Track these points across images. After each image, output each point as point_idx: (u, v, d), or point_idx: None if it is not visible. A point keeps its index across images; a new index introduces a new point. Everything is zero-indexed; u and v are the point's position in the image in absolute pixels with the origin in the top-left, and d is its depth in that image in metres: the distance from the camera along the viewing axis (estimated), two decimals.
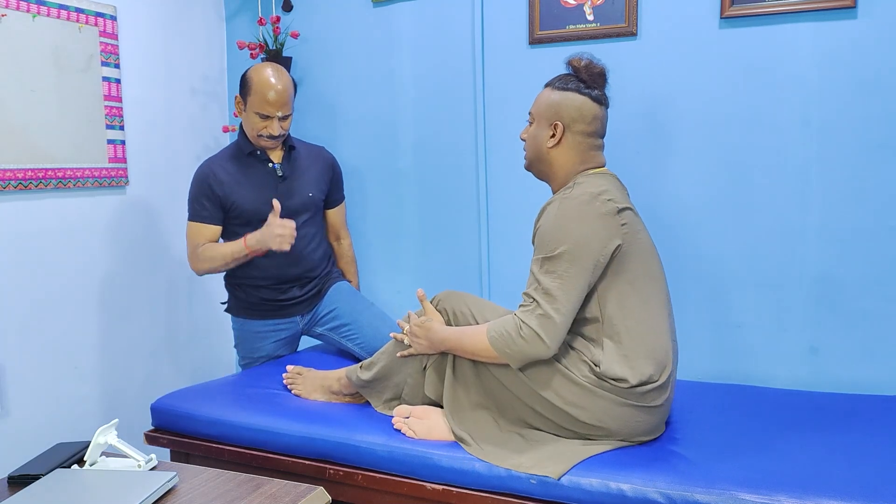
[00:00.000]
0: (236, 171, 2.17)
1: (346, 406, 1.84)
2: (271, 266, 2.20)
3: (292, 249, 2.11)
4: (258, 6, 2.67)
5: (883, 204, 1.93)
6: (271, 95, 2.09)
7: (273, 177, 2.20)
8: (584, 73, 1.66)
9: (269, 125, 2.12)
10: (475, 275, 2.46)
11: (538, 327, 1.50)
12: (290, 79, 2.17)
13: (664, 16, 2.12)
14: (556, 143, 1.65)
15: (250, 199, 2.16)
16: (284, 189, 2.20)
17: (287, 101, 2.13)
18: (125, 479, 1.35)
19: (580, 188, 1.59)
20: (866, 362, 1.98)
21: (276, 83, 2.10)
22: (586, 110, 1.64)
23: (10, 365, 2.05)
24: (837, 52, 1.94)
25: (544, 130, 1.67)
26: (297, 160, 2.26)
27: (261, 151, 2.19)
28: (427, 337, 1.70)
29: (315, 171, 2.29)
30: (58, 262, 2.19)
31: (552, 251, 1.53)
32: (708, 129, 2.10)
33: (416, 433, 1.64)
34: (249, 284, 2.24)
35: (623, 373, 1.52)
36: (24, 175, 2.06)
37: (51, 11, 2.13)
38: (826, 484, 1.34)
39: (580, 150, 1.65)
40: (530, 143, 1.72)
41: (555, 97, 1.66)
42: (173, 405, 1.92)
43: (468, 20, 2.38)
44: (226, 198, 2.15)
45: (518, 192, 2.36)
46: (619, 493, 1.40)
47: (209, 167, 2.17)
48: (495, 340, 1.54)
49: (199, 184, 2.16)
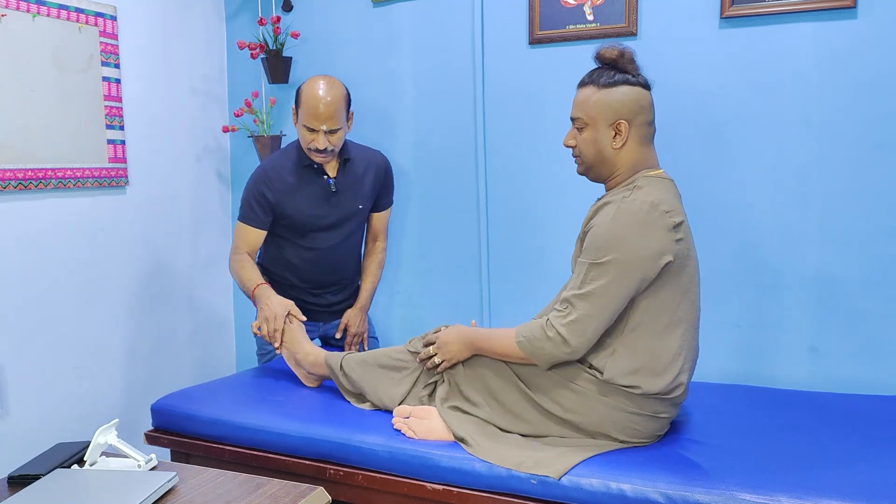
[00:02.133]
0: (293, 180, 2.15)
1: (346, 406, 1.84)
2: (310, 271, 2.22)
3: (334, 258, 2.21)
4: (258, 6, 2.67)
5: (883, 204, 1.93)
6: (317, 108, 2.04)
7: (326, 190, 2.18)
8: (622, 62, 1.58)
9: (316, 138, 2.07)
10: (475, 275, 2.46)
11: (567, 332, 1.49)
12: (343, 92, 2.11)
13: (664, 16, 2.12)
14: (623, 143, 1.57)
15: (300, 211, 2.16)
16: (336, 201, 2.19)
17: (333, 115, 2.05)
18: (125, 479, 1.35)
19: (640, 193, 1.52)
20: (866, 362, 1.98)
21: (325, 96, 2.04)
22: (644, 100, 1.58)
23: (10, 365, 2.05)
24: (837, 52, 1.94)
25: (604, 132, 1.58)
26: (352, 172, 2.22)
27: (318, 165, 2.15)
28: (459, 340, 1.69)
29: (368, 181, 2.25)
30: (58, 262, 2.19)
31: (601, 258, 1.49)
32: (707, 128, 2.10)
33: (416, 433, 1.64)
34: (284, 283, 2.26)
35: (628, 383, 1.51)
36: (24, 175, 2.06)
37: (51, 11, 2.13)
38: (826, 484, 1.34)
39: (643, 143, 1.60)
40: (588, 148, 1.61)
41: (605, 95, 1.56)
42: (173, 405, 1.91)
43: (468, 20, 2.38)
44: (277, 205, 2.14)
45: (518, 192, 2.36)
46: (619, 493, 1.40)
47: (267, 173, 2.15)
48: (522, 343, 1.55)
49: (255, 187, 2.14)
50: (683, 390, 1.56)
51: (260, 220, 2.16)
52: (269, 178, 2.14)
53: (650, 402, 1.53)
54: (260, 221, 2.16)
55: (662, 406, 1.54)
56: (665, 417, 1.56)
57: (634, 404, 1.52)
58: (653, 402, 1.53)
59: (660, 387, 1.51)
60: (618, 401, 1.52)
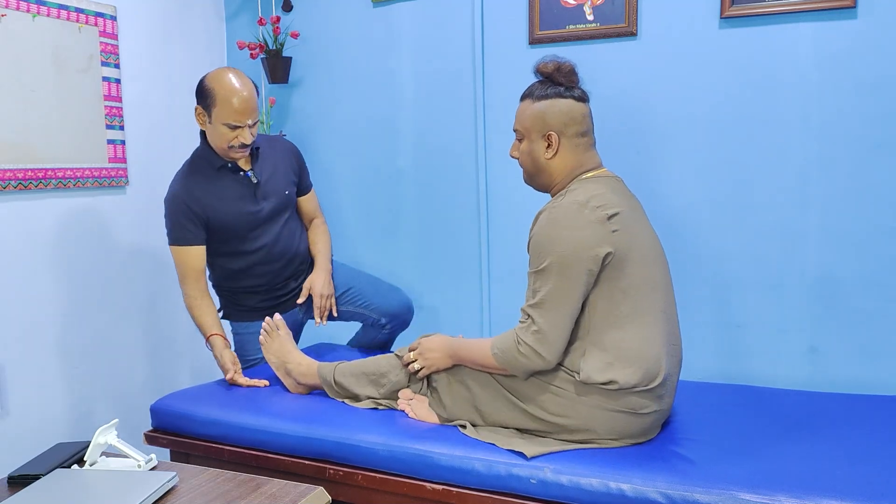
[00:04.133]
0: (210, 186, 2.07)
1: (346, 406, 1.84)
2: (265, 270, 2.18)
3: (281, 248, 2.16)
4: (258, 6, 2.68)
5: (883, 204, 1.93)
6: (240, 103, 1.95)
7: (248, 185, 2.11)
8: (558, 76, 1.64)
9: (241, 134, 1.99)
10: (475, 275, 2.46)
11: (534, 343, 1.52)
12: (252, 81, 2.05)
13: (664, 16, 2.12)
14: (555, 154, 1.63)
15: (233, 213, 2.08)
16: (262, 193, 2.14)
17: (256, 107, 2.00)
18: (125, 479, 1.35)
19: (570, 196, 1.56)
20: (866, 362, 1.98)
21: (242, 89, 1.96)
22: (575, 112, 1.62)
23: (10, 365, 2.05)
24: (837, 52, 1.94)
25: (538, 143, 1.64)
26: (265, 160, 2.16)
27: (232, 164, 2.09)
28: (441, 349, 1.71)
29: (283, 166, 2.21)
30: (58, 262, 2.19)
31: (541, 264, 1.53)
32: (708, 128, 2.10)
33: (417, 415, 1.72)
34: (243, 292, 2.21)
35: (604, 380, 1.51)
36: (24, 175, 2.06)
37: (51, 11, 2.13)
38: (826, 484, 1.34)
39: (577, 153, 1.64)
40: (526, 159, 1.68)
41: (539, 108, 1.63)
42: (173, 405, 1.91)
43: (468, 20, 2.38)
44: (207, 217, 2.06)
45: (518, 192, 2.35)
46: (619, 493, 1.40)
47: (181, 187, 2.07)
48: (498, 357, 1.58)
49: (176, 206, 2.05)
50: (663, 380, 1.54)
51: (194, 235, 2.06)
52: (189, 192, 2.05)
53: (631, 398, 1.52)
54: (195, 237, 2.06)
55: (645, 400, 1.53)
56: (650, 413, 1.55)
57: (615, 402, 1.52)
58: (634, 398, 1.52)
59: (637, 378, 1.51)
60: (598, 400, 1.53)
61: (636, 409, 1.53)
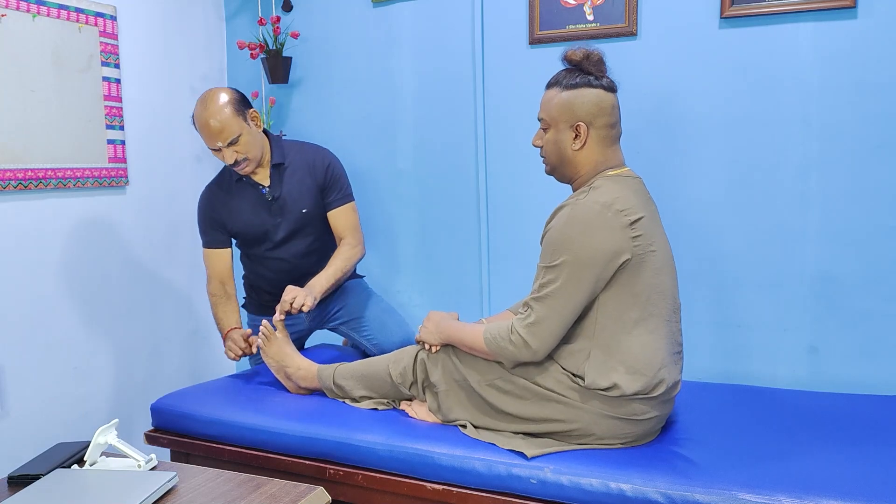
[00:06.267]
0: (229, 198, 2.18)
1: (346, 406, 1.84)
2: (278, 281, 2.19)
3: (306, 266, 2.21)
4: (258, 6, 2.68)
5: (883, 204, 1.93)
6: (205, 128, 2.00)
7: (264, 200, 2.15)
8: (587, 65, 1.58)
9: (222, 155, 2.03)
10: (475, 274, 2.46)
11: (526, 334, 1.52)
12: (227, 99, 2.00)
13: (664, 16, 2.12)
14: (582, 145, 1.58)
15: (247, 225, 2.17)
16: (277, 210, 2.16)
17: (224, 128, 1.98)
18: (125, 479, 1.35)
19: (594, 194, 1.52)
20: (866, 362, 1.98)
21: (204, 113, 1.99)
22: (605, 102, 1.57)
23: (10, 365, 2.05)
24: (837, 52, 1.94)
25: (565, 134, 1.59)
26: (286, 176, 2.16)
27: (247, 178, 2.14)
28: (435, 322, 1.73)
29: (307, 182, 2.17)
30: (58, 262, 2.19)
31: (554, 260, 1.51)
32: (708, 128, 2.10)
33: (418, 414, 1.75)
34: (260, 287, 2.31)
35: (607, 384, 1.51)
36: (24, 175, 2.06)
37: (51, 11, 2.13)
38: (826, 484, 1.34)
39: (604, 145, 1.59)
40: (551, 149, 1.63)
41: (567, 97, 1.57)
42: (173, 405, 1.92)
43: (468, 20, 2.38)
44: (222, 221, 2.19)
45: (518, 192, 2.36)
46: (619, 493, 1.40)
47: (205, 197, 2.21)
48: (488, 340, 1.58)
49: (202, 213, 2.21)
50: (667, 387, 1.53)
51: (218, 240, 2.21)
52: (210, 199, 2.20)
53: (632, 405, 1.52)
54: (218, 241, 2.21)
55: (646, 406, 1.53)
56: (651, 418, 1.55)
57: (616, 409, 1.52)
58: (635, 404, 1.52)
59: (639, 385, 1.50)
60: (600, 406, 1.52)
61: (637, 414, 1.53)
